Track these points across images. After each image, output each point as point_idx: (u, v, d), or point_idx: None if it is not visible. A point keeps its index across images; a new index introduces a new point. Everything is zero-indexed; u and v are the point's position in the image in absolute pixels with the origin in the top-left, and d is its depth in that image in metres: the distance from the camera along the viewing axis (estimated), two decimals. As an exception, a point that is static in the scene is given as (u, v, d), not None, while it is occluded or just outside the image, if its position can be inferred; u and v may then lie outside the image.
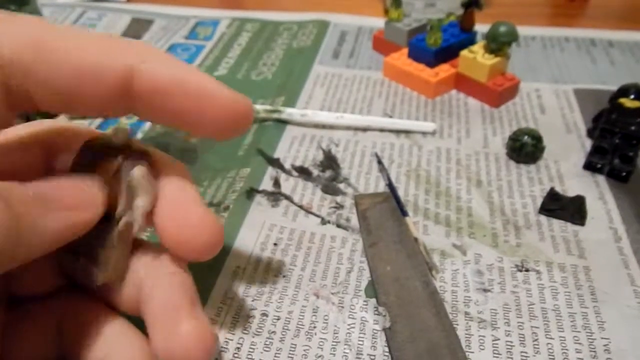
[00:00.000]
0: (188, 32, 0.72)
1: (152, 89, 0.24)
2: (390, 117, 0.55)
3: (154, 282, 0.27)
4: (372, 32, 0.69)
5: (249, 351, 0.34)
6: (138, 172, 0.25)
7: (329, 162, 0.49)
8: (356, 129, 0.53)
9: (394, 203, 0.44)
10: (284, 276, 0.39)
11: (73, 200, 0.23)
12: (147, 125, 0.55)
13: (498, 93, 0.55)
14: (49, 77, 0.22)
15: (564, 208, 0.43)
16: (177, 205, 0.27)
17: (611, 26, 0.70)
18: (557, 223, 0.43)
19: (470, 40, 0.59)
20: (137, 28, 0.74)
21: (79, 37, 0.23)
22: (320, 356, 0.34)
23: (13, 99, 0.22)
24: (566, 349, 0.34)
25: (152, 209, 0.26)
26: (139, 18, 0.76)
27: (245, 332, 0.35)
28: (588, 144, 0.50)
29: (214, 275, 0.39)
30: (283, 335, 0.35)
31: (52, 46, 0.22)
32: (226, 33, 0.72)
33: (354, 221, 0.43)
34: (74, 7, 0.79)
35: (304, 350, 0.34)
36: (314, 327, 0.36)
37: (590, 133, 0.51)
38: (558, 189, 0.45)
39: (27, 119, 0.48)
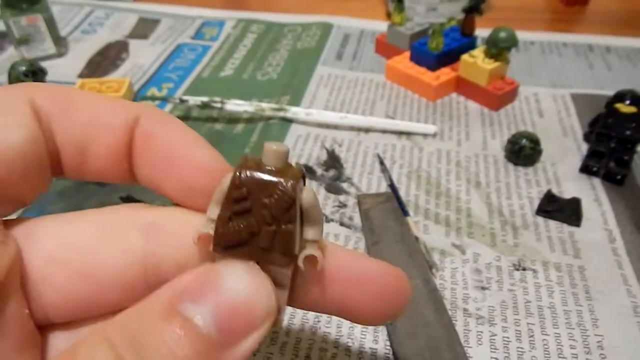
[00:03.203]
0: (194, 32, 0.74)
1: (146, 134, 0.23)
2: (392, 118, 0.56)
3: None
4: (374, 35, 0.71)
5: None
6: (307, 197, 0.20)
7: (333, 161, 0.50)
8: (359, 129, 0.55)
9: (395, 203, 0.45)
10: (289, 272, 0.40)
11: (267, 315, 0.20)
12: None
13: (497, 97, 0.56)
14: (69, 123, 0.22)
15: (560, 209, 0.45)
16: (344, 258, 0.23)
17: (608, 32, 0.72)
18: (553, 224, 0.44)
19: (470, 45, 0.60)
20: (144, 27, 0.75)
21: (96, 95, 0.24)
22: (324, 349, 0.35)
23: (48, 146, 0.22)
24: (561, 345, 0.35)
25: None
26: (145, 18, 0.78)
27: (252, 325, 0.36)
28: (584, 147, 0.52)
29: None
30: (288, 329, 0.36)
31: (74, 98, 0.23)
32: (232, 34, 0.73)
33: (357, 220, 0.45)
34: (82, 6, 0.80)
35: (309, 343, 0.35)
36: (318, 321, 0.37)
37: (586, 137, 0.53)
38: (555, 191, 0.47)
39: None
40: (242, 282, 0.19)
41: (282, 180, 0.20)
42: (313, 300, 0.22)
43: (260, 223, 0.20)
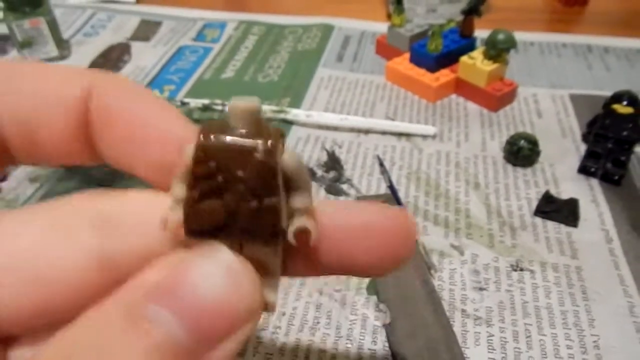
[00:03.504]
0: (196, 34, 0.74)
1: (105, 107, 0.20)
2: (392, 120, 0.57)
3: None
4: (375, 36, 0.71)
5: (255, 345, 0.36)
6: (291, 160, 0.17)
7: (333, 163, 0.51)
8: (359, 131, 0.55)
9: (395, 205, 0.45)
10: (289, 273, 0.41)
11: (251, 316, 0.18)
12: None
13: (496, 98, 0.57)
14: (14, 102, 0.20)
15: (558, 210, 0.45)
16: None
17: (607, 32, 0.72)
18: (551, 225, 0.45)
19: (470, 46, 0.61)
20: (146, 29, 0.76)
21: (43, 65, 0.22)
22: (323, 351, 0.36)
23: None
24: (557, 345, 0.36)
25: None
26: (147, 20, 0.78)
27: (253, 326, 0.37)
28: (583, 148, 0.52)
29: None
30: (288, 330, 0.37)
31: (18, 72, 0.21)
32: (233, 36, 0.74)
33: (357, 221, 0.45)
34: (85, 9, 0.81)
35: (308, 344, 0.36)
36: (318, 322, 0.37)
37: (584, 137, 0.53)
38: (553, 191, 0.47)
39: None
40: (217, 276, 0.17)
41: (257, 144, 0.16)
42: (311, 268, 0.20)
43: (238, 200, 0.16)
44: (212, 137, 0.16)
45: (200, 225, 0.17)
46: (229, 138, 0.16)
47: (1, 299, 0.18)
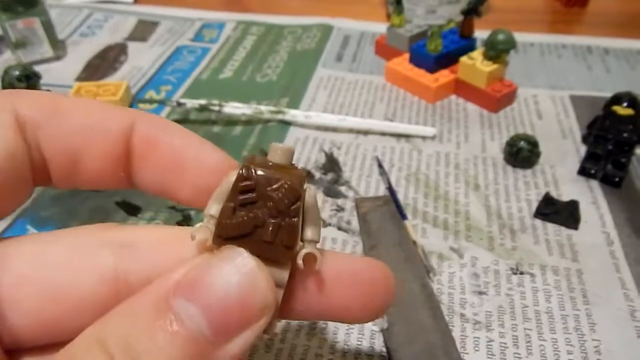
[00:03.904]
0: (194, 35, 0.74)
1: (146, 140, 0.23)
2: (391, 121, 0.56)
3: None
4: (374, 37, 0.71)
5: (250, 351, 0.35)
6: (310, 197, 0.21)
7: (331, 165, 0.50)
8: (358, 132, 0.55)
9: (394, 207, 0.45)
10: (286, 277, 0.40)
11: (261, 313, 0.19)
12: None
13: (496, 99, 0.56)
14: (58, 132, 0.22)
15: (558, 212, 0.45)
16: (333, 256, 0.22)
17: (607, 34, 0.71)
18: (551, 227, 0.44)
19: (469, 47, 0.60)
20: (143, 29, 0.75)
21: (86, 101, 0.24)
22: (319, 355, 0.35)
23: (32, 157, 0.22)
24: (558, 351, 0.35)
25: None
26: (145, 20, 0.78)
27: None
28: (583, 149, 0.52)
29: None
30: (284, 335, 0.36)
31: (63, 106, 0.22)
32: (231, 36, 0.73)
33: (355, 224, 0.45)
34: (81, 9, 0.80)
35: (304, 350, 0.35)
36: (314, 327, 0.37)
37: (585, 139, 0.53)
38: (553, 193, 0.47)
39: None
40: (237, 274, 0.19)
41: (289, 175, 0.20)
42: (307, 305, 0.22)
43: (265, 216, 0.20)
44: (255, 162, 0.20)
45: (230, 232, 0.20)
46: (267, 166, 0.20)
47: (22, 310, 0.20)
